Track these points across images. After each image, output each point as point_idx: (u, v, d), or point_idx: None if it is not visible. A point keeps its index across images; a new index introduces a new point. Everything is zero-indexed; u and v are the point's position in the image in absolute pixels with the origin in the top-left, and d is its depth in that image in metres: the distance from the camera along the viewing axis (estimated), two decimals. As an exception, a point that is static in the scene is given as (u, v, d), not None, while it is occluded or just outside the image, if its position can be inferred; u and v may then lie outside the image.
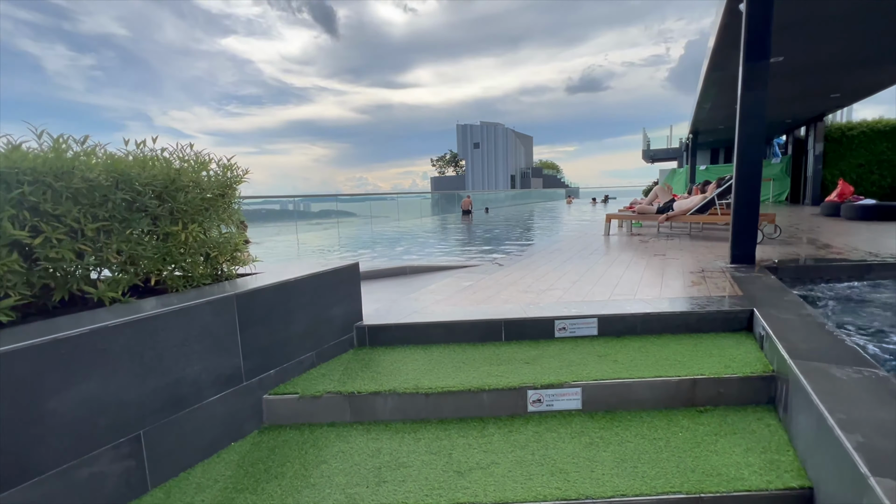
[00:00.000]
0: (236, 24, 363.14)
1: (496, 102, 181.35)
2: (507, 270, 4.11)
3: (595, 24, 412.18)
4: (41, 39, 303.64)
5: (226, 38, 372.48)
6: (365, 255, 6.90)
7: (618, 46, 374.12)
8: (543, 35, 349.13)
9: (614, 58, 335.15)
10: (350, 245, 8.97)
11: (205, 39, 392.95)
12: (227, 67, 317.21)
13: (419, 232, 11.59)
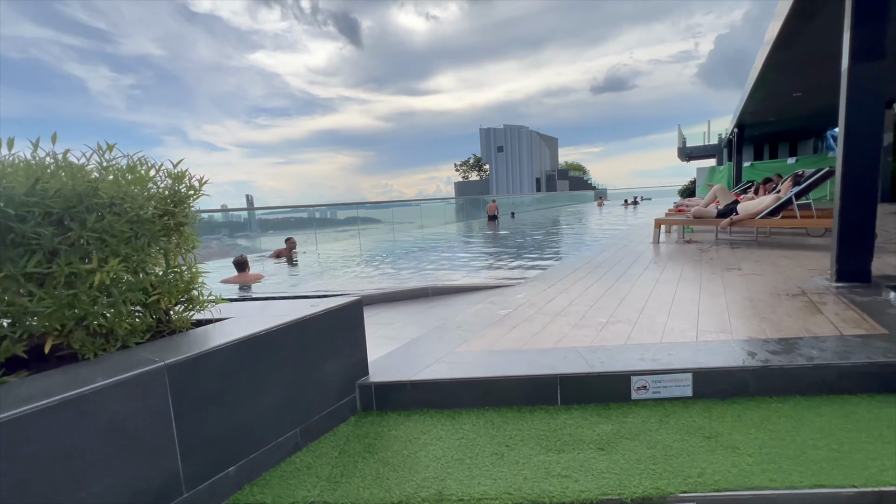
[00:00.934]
0: (264, 40, 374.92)
1: (519, 105, 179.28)
2: (550, 292, 3.42)
3: (619, 23, 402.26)
4: (86, 62, 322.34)
5: (254, 53, 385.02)
6: (385, 268, 6.34)
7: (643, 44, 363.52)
8: (566, 36, 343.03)
9: (640, 56, 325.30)
10: (369, 255, 8.44)
11: (234, 55, 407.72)
12: (256, 81, 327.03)
13: (443, 239, 10.98)
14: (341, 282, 5.35)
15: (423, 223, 15.36)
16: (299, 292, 4.26)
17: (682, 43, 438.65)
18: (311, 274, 6.43)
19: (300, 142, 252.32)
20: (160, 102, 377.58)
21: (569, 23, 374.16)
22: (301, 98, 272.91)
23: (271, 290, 5.07)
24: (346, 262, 7.40)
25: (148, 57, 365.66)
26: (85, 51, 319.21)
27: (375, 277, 5.51)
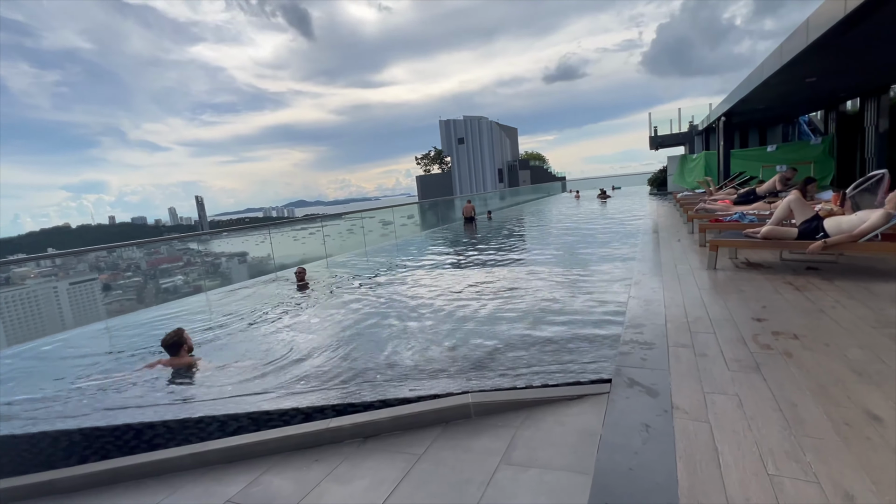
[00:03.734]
0: (205, 32, 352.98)
1: (474, 96, 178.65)
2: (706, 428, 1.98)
3: (567, 13, 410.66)
4: (4, 58, 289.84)
5: (195, 46, 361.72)
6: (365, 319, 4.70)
7: (590, 33, 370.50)
8: (517, 26, 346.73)
9: (588, 45, 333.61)
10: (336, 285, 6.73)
11: (173, 49, 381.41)
12: (199, 76, 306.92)
13: (425, 261, 9.35)
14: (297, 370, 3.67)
15: (396, 233, 13.65)
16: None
17: (627, 32, 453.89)
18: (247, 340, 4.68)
19: (251, 138, 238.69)
20: (92, 100, 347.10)
21: (518, 12, 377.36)
22: (249, 93, 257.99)
23: (191, 392, 3.32)
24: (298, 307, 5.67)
25: (75, 51, 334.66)
26: (2, 45, 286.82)
27: (347, 347, 3.89)
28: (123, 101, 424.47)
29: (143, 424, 2.64)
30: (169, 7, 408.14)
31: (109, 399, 3.19)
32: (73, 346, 5.34)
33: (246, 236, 11.89)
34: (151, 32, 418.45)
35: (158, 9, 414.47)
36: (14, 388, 3.78)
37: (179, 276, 10.14)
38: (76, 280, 7.71)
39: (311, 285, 7.04)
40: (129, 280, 10.16)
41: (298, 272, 7.25)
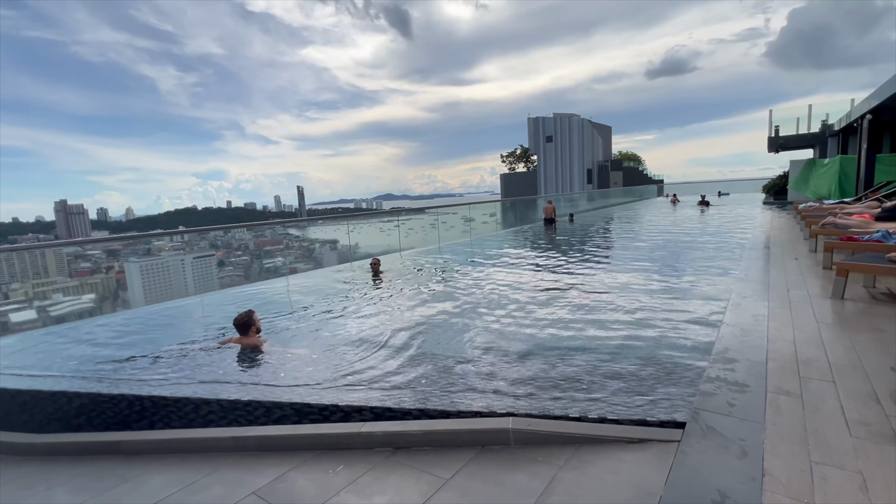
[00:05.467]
0: (314, 35, 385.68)
1: (566, 93, 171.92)
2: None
3: (677, 2, 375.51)
4: (155, 63, 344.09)
5: (305, 48, 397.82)
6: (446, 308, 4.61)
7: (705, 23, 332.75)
8: (618, 18, 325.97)
9: (701, 35, 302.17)
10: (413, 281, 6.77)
11: (287, 51, 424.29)
12: (307, 76, 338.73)
13: (498, 261, 9.08)
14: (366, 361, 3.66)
15: (475, 230, 13.50)
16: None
17: (749, 20, 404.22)
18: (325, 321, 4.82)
19: (348, 134, 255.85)
20: (220, 98, 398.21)
21: (621, 4, 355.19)
22: (349, 91, 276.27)
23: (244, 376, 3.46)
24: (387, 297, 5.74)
25: (209, 56, 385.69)
26: (154, 52, 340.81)
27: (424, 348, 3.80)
28: (243, 99, 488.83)
29: (200, 400, 2.79)
30: (286, 14, 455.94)
31: (182, 369, 3.45)
32: (185, 313, 5.99)
33: (336, 225, 12.56)
34: (270, 37, 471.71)
35: (277, 16, 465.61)
36: (119, 348, 4.29)
37: (279, 257, 11.11)
38: (199, 255, 8.88)
39: (384, 277, 7.15)
40: (238, 258, 11.43)
41: (373, 263, 7.39)
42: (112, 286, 9.48)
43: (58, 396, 3.01)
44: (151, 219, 47.50)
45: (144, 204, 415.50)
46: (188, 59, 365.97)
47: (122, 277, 9.06)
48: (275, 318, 5.07)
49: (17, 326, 7.17)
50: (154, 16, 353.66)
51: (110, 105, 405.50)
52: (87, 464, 2.55)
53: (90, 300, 8.46)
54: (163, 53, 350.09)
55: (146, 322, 5.64)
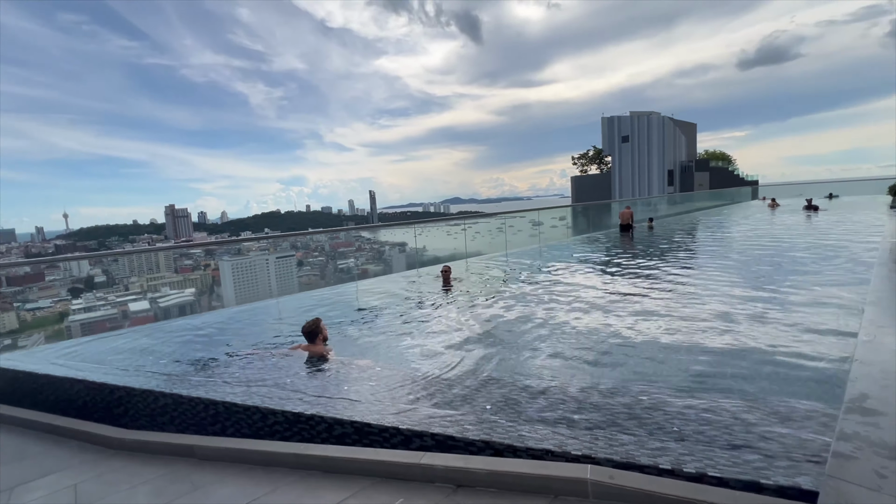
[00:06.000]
0: (387, 46, 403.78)
1: (645, 89, 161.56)
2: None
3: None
4: (247, 80, 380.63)
5: (378, 59, 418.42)
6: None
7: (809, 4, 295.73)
8: (705, 7, 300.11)
9: (805, 18, 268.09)
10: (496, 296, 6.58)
11: (362, 63, 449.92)
12: (380, 85, 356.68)
13: (570, 270, 8.59)
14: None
15: (544, 235, 13.02)
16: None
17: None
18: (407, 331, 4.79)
19: (418, 139, 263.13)
20: (302, 110, 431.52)
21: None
22: (419, 98, 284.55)
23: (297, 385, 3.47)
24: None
25: (293, 71, 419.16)
26: (247, 70, 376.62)
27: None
28: (322, 110, 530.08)
29: (267, 410, 2.82)
30: (361, 27, 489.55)
31: (254, 374, 3.56)
32: (263, 315, 6.35)
33: (405, 229, 12.80)
34: (347, 50, 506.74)
35: (354, 30, 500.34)
36: (204, 346, 4.59)
37: (352, 259, 11.63)
38: (281, 255, 9.63)
39: (454, 285, 7.04)
40: (315, 258, 12.18)
41: (444, 270, 7.27)
42: (209, 282, 10.57)
43: (146, 394, 3.23)
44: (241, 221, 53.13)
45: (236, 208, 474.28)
46: (275, 75, 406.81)
47: (216, 274, 10.07)
48: (342, 326, 5.14)
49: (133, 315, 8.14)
50: (247, 38, 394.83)
51: (209, 120, 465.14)
52: (165, 465, 2.67)
53: (191, 293, 9.44)
54: (254, 71, 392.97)
55: (234, 319, 6.02)
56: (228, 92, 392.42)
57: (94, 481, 2.57)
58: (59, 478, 2.64)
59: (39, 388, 3.72)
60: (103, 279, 10.99)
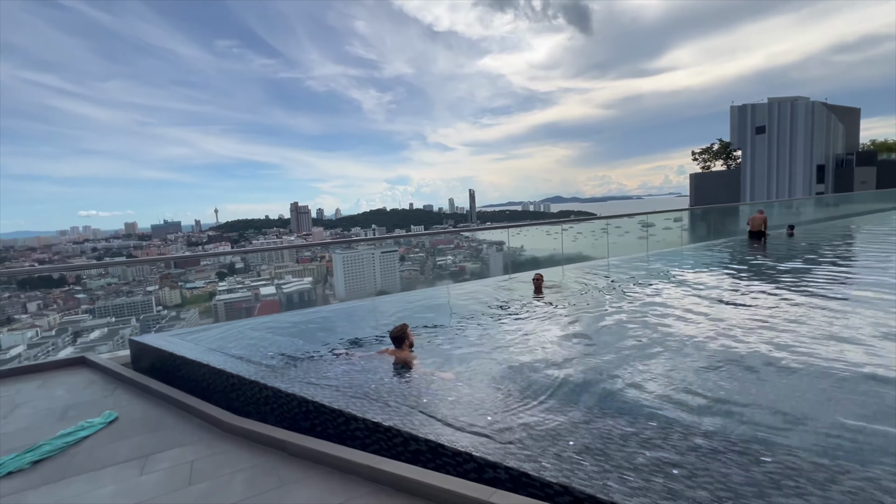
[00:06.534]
0: (491, 45, 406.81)
1: (789, 70, 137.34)
2: None
3: None
4: (361, 87, 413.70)
5: (482, 59, 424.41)
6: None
7: None
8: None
9: None
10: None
11: (466, 63, 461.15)
12: (483, 84, 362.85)
13: (683, 283, 7.67)
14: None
15: (656, 240, 11.86)
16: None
17: None
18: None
19: (518, 137, 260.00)
20: (408, 113, 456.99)
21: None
22: (521, 95, 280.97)
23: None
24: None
25: (402, 76, 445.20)
26: (361, 78, 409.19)
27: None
28: (427, 112, 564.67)
29: (350, 415, 2.93)
30: (467, 28, 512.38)
31: (342, 374, 3.74)
32: (361, 313, 6.77)
33: (501, 230, 12.70)
34: (452, 52, 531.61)
35: (459, 31, 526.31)
36: (302, 344, 5.00)
37: (450, 256, 11.99)
38: (386, 249, 10.42)
39: (546, 295, 6.76)
40: (416, 255, 12.86)
41: (536, 279, 7.02)
42: (323, 272, 11.78)
43: (252, 385, 3.58)
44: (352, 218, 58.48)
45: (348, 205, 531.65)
46: (385, 81, 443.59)
47: (330, 266, 11.19)
48: (430, 332, 5.20)
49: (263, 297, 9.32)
50: (362, 48, 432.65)
51: (328, 125, 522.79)
52: (260, 454, 2.91)
53: (308, 282, 10.61)
54: (367, 79, 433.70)
55: (337, 315, 6.49)
56: (344, 99, 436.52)
57: (206, 461, 2.90)
58: (181, 452, 3.04)
59: (176, 367, 4.37)
60: (241, 266, 12.79)
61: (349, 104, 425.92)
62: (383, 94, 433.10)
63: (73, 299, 12.60)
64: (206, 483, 2.62)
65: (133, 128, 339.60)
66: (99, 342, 9.03)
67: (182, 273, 12.47)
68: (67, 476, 2.83)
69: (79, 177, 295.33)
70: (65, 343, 9.09)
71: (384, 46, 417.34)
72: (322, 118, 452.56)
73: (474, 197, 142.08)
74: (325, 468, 2.65)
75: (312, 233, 48.15)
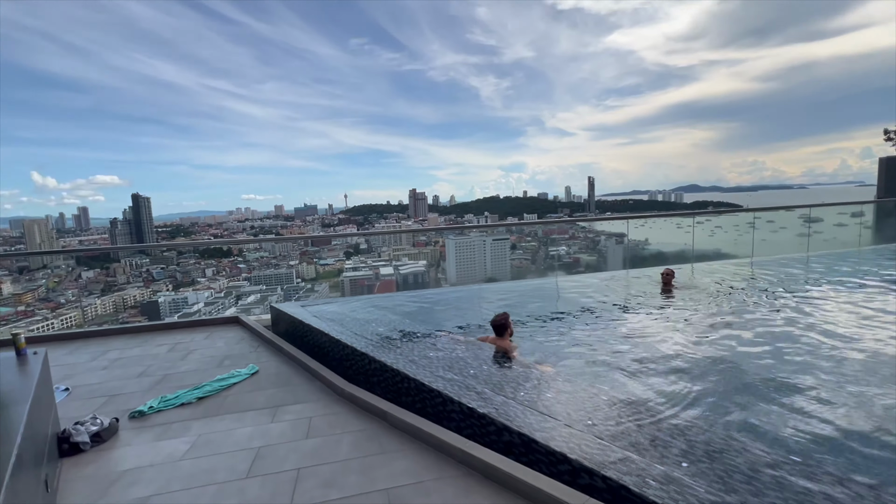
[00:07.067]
0: (621, 19, 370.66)
1: None
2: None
3: None
4: (480, 75, 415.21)
5: (610, 35, 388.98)
6: None
7: None
8: None
9: None
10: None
11: (591, 42, 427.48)
12: (609, 63, 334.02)
13: (855, 293, 6.24)
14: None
15: (811, 237, 9.85)
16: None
17: None
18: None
19: (648, 119, 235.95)
20: (526, 98, 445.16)
21: None
22: (654, 72, 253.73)
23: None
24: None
25: (521, 60, 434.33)
26: (480, 66, 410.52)
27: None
28: (546, 96, 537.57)
29: (447, 397, 3.00)
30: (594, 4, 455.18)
31: (443, 357, 3.84)
32: (468, 300, 6.93)
33: (623, 220, 11.85)
34: (576, 31, 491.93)
35: (585, 8, 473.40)
36: (409, 323, 5.27)
37: (563, 246, 11.66)
38: (497, 237, 10.59)
39: (676, 294, 6.10)
40: (528, 243, 12.80)
41: (666, 273, 6.31)
42: (437, 256, 12.42)
43: (363, 356, 3.89)
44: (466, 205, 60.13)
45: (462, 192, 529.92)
46: (504, 67, 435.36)
47: (443, 250, 11.75)
48: (534, 324, 5.07)
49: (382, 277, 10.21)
50: (483, 34, 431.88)
51: (446, 114, 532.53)
52: (366, 421, 3.17)
53: (423, 265, 11.29)
54: (485, 65, 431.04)
55: (445, 299, 6.74)
56: (463, 87, 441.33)
57: (321, 419, 3.25)
58: (303, 408, 3.46)
59: (304, 333, 4.97)
60: (365, 247, 14.10)
61: (467, 92, 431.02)
62: (501, 80, 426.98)
63: (236, 268, 15.17)
64: (320, 438, 2.94)
65: (283, 123, 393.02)
66: (253, 305, 10.75)
67: (317, 251, 14.20)
68: (220, 413, 3.43)
69: (242, 166, 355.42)
70: (230, 304, 11.03)
71: (504, 31, 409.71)
72: (441, 107, 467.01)
73: (593, 185, 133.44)
74: (421, 443, 2.77)
75: (428, 218, 50.31)
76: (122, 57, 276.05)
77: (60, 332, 6.82)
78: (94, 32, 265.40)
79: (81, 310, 14.47)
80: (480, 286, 7.69)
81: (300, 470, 2.54)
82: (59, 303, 13.90)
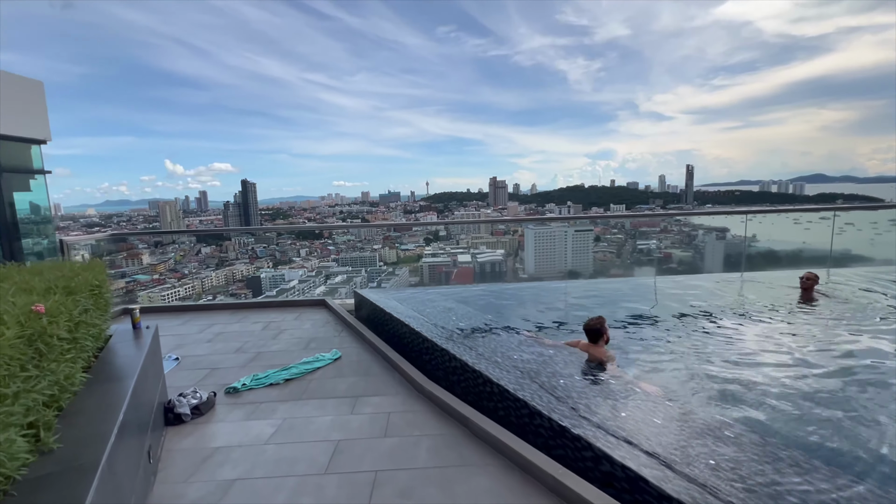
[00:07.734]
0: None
1: None
2: None
3: None
4: (568, 57, 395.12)
5: (720, 6, 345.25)
6: None
7: None
8: None
9: None
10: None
11: (698, 15, 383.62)
12: (718, 38, 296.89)
13: None
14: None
15: None
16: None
17: None
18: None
19: (765, 100, 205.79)
20: (619, 80, 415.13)
21: None
22: (775, 45, 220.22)
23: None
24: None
25: (615, 39, 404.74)
26: (569, 47, 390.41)
27: None
28: (641, 77, 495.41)
29: (535, 411, 2.70)
30: None
31: (528, 362, 3.52)
32: (550, 296, 6.53)
33: (729, 214, 10.50)
34: (681, 3, 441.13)
35: None
36: (491, 319, 5.01)
37: (654, 240, 10.74)
38: (580, 228, 10.05)
39: (818, 303, 5.13)
40: (613, 236, 12.02)
41: (807, 278, 5.28)
42: (515, 245, 12.17)
43: (443, 352, 3.72)
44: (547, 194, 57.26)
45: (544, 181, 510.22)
46: (596, 47, 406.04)
47: (521, 240, 11.47)
48: (629, 331, 4.53)
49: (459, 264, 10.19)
50: (574, 14, 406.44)
51: (531, 100, 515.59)
52: (446, 426, 2.98)
53: (501, 254, 11.11)
54: (575, 47, 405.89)
55: (526, 294, 6.39)
56: (549, 71, 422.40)
57: (400, 416, 3.14)
58: (382, 401, 3.38)
59: (384, 321, 4.95)
60: (444, 234, 14.16)
61: (554, 76, 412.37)
62: (592, 62, 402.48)
63: (326, 249, 16.08)
64: (398, 438, 2.82)
65: (371, 112, 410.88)
66: (340, 285, 11.26)
67: (399, 236, 14.54)
68: (303, 398, 3.48)
69: (333, 154, 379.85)
70: (320, 282, 11.69)
71: (598, 9, 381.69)
72: (525, 93, 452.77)
73: (692, 174, 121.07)
74: (504, 459, 2.52)
75: (507, 207, 49.48)
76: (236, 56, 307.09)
77: (176, 304, 7.64)
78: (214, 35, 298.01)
79: (200, 280, 16.27)
80: (566, 283, 7.18)
81: (377, 473, 2.43)
82: (184, 273, 15.78)
